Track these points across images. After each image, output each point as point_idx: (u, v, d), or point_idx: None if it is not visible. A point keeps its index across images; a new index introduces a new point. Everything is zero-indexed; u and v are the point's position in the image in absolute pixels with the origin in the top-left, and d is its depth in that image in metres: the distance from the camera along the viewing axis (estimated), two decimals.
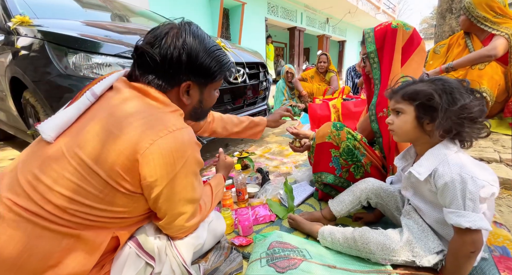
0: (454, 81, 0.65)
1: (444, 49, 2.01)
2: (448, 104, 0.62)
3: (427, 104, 0.65)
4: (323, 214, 0.98)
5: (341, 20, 11.48)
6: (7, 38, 1.48)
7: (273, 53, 8.42)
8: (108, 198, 0.54)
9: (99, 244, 0.56)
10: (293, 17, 9.08)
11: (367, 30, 1.07)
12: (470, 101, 0.62)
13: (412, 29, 1.02)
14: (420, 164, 0.68)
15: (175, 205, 0.61)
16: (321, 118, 2.29)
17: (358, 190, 0.90)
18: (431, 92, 0.64)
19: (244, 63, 1.77)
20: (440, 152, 0.66)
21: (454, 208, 0.60)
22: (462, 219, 0.59)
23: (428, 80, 0.68)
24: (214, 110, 1.65)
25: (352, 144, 1.00)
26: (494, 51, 1.62)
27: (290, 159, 1.86)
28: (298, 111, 3.44)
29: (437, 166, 0.64)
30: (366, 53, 1.07)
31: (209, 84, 0.69)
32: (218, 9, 5.97)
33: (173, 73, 0.62)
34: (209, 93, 0.72)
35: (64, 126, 0.57)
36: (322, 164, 1.07)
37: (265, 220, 1.08)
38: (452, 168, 0.61)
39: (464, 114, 0.61)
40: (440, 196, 0.64)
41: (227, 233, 1.00)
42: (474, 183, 0.58)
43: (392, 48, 1.00)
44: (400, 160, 0.82)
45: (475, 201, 0.58)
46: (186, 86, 0.65)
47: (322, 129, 1.07)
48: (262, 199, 1.26)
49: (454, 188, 0.60)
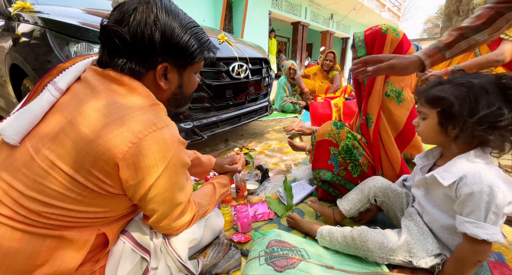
0: (483, 84, 0.59)
1: None
2: (468, 114, 0.59)
3: (448, 112, 0.63)
4: (334, 214, 0.98)
5: (346, 17, 11.33)
6: (7, 23, 1.45)
7: (275, 47, 8.33)
8: (87, 200, 0.52)
9: (84, 242, 0.54)
10: (297, 12, 8.95)
11: (357, 34, 1.06)
12: (498, 108, 0.57)
13: (402, 35, 1.01)
14: (446, 169, 0.65)
15: (160, 206, 0.58)
16: (322, 117, 2.29)
17: (366, 188, 0.90)
18: (452, 100, 0.61)
19: (247, 58, 1.75)
20: (470, 160, 0.63)
21: (473, 219, 0.59)
22: (480, 230, 0.58)
23: (455, 83, 0.63)
24: (217, 105, 1.65)
25: (351, 143, 1.02)
26: (502, 56, 1.61)
27: (290, 156, 1.86)
28: (299, 108, 3.44)
29: (466, 174, 0.61)
30: (357, 58, 1.04)
31: (189, 66, 0.63)
32: (222, 1, 5.86)
33: (146, 54, 0.55)
34: (189, 77, 0.65)
35: (28, 128, 0.51)
36: (321, 161, 1.08)
37: (264, 218, 1.09)
38: (483, 179, 0.58)
39: (487, 123, 0.58)
40: (459, 204, 0.63)
41: (226, 230, 1.01)
42: (504, 198, 0.57)
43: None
44: (422, 159, 0.80)
45: (498, 215, 0.57)
46: (163, 68, 0.58)
47: (323, 127, 1.09)
48: (261, 196, 1.27)
49: (480, 199, 0.58)
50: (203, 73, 1.48)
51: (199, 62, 0.64)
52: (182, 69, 0.62)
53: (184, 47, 0.58)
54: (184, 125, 1.45)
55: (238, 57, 1.67)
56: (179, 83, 0.64)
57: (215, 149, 2.05)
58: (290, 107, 3.41)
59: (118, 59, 0.55)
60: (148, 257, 0.63)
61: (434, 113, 0.66)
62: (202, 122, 1.54)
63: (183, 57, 0.60)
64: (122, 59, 0.55)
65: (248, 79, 1.78)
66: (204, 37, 0.63)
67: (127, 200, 0.58)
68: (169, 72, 0.60)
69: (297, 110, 3.43)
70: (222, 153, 1.95)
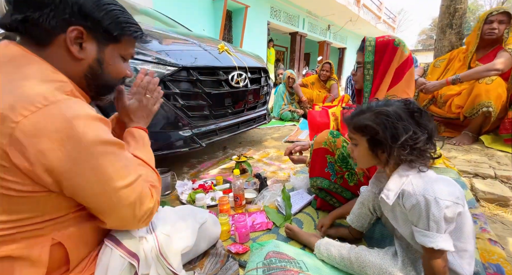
0: (396, 111, 0.66)
1: (444, 63, 2.05)
2: (391, 140, 0.64)
3: (375, 138, 0.68)
4: (350, 231, 0.96)
5: (342, 28, 11.60)
6: None
7: (274, 57, 8.45)
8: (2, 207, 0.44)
9: (38, 256, 0.48)
10: (295, 22, 9.16)
11: (369, 38, 1.04)
12: (413, 132, 0.63)
13: (409, 53, 1.02)
14: (388, 187, 0.69)
15: (104, 199, 0.50)
16: (320, 125, 2.30)
17: (366, 201, 0.90)
18: (376, 128, 0.67)
19: (246, 67, 1.78)
20: (403, 174, 0.67)
21: (421, 228, 0.62)
22: (426, 239, 0.61)
23: (374, 111, 0.70)
24: (216, 113, 1.65)
25: (346, 152, 1.02)
26: (501, 65, 1.65)
27: (288, 165, 1.86)
28: (297, 116, 3.46)
29: (403, 187, 0.65)
30: (362, 62, 1.04)
31: (111, 42, 0.58)
32: (222, 11, 5.98)
33: (57, 9, 0.50)
34: (112, 55, 0.59)
35: None
36: (318, 169, 1.08)
37: (262, 228, 1.07)
38: (416, 189, 0.63)
39: (408, 146, 0.64)
40: (409, 216, 0.66)
41: (224, 240, 0.99)
42: (437, 205, 0.60)
43: (387, 66, 1.00)
44: (374, 184, 0.83)
45: (438, 222, 0.60)
46: (76, 32, 0.52)
47: (320, 135, 1.10)
48: (260, 205, 1.26)
49: (420, 209, 0.62)
50: (202, 81, 1.49)
51: (125, 42, 0.61)
52: (103, 43, 0.57)
53: (106, 14, 0.55)
54: (182, 133, 1.45)
55: (237, 67, 1.69)
56: (97, 57, 0.57)
57: (213, 157, 2.04)
58: (288, 115, 3.44)
59: (19, 15, 0.49)
60: (137, 263, 0.59)
61: (364, 140, 0.71)
62: (200, 130, 1.54)
63: (103, 25, 0.55)
64: (25, 14, 0.49)
65: (247, 87, 1.80)
66: (126, 18, 0.59)
67: (59, 197, 0.49)
68: (85, 40, 0.54)
69: (295, 118, 3.46)
70: (221, 161, 1.95)
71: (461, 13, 2.24)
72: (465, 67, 1.88)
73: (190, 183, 1.46)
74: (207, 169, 1.81)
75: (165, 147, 1.40)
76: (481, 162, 1.55)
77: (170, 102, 1.36)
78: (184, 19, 4.95)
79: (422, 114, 0.66)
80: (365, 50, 1.03)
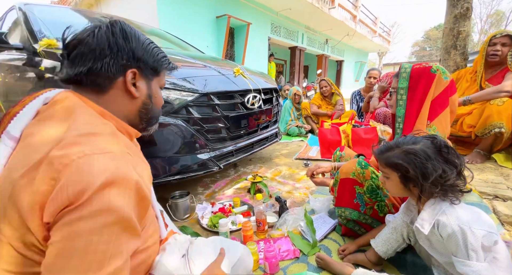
0: (424, 149, 0.69)
1: None
2: (422, 178, 0.68)
3: (406, 175, 0.71)
4: (368, 257, 0.95)
5: (340, 41, 11.93)
6: (30, 58, 1.49)
7: (274, 70, 8.63)
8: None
9: None
10: (294, 37, 9.42)
11: (404, 65, 1.04)
12: (442, 171, 0.66)
13: (450, 79, 0.98)
14: (422, 217, 0.71)
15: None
16: (331, 143, 2.33)
17: (399, 227, 0.89)
18: (406, 167, 0.70)
19: (260, 89, 1.81)
20: (437, 204, 0.70)
21: (461, 257, 0.63)
22: (467, 268, 0.62)
23: (402, 149, 0.73)
24: (232, 135, 1.66)
25: (375, 184, 1.00)
26: (511, 87, 1.69)
27: (302, 184, 1.85)
28: (304, 132, 3.49)
29: (438, 217, 0.68)
30: (396, 88, 1.05)
31: (155, 76, 0.64)
32: (225, 28, 6.16)
33: (113, 57, 0.55)
34: (156, 88, 0.65)
35: None
36: (346, 199, 1.07)
37: (290, 256, 1.06)
38: (451, 220, 0.65)
39: (439, 185, 0.67)
40: (447, 245, 0.68)
41: (254, 270, 0.98)
42: (473, 234, 0.61)
43: (424, 93, 0.98)
44: (405, 213, 0.85)
45: (477, 251, 0.61)
46: (132, 74, 0.58)
47: (347, 165, 1.07)
48: (283, 230, 1.24)
49: (456, 239, 0.63)
50: (221, 105, 1.52)
51: (162, 74, 0.67)
52: (150, 79, 0.63)
53: (150, 54, 0.61)
54: (202, 156, 1.46)
55: (252, 89, 1.73)
56: (148, 93, 0.63)
57: (225, 175, 2.04)
58: (295, 131, 3.47)
59: (83, 68, 0.53)
60: None
61: (395, 175, 0.74)
62: (219, 152, 1.55)
63: (150, 64, 0.61)
64: (88, 66, 0.53)
65: (261, 108, 1.83)
66: (162, 53, 0.65)
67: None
68: (137, 80, 0.60)
69: (302, 134, 3.48)
70: (234, 180, 1.94)
71: (465, 35, 2.34)
72: (472, 88, 1.93)
73: (210, 207, 1.44)
74: (222, 189, 1.80)
75: (185, 170, 1.40)
76: (497, 182, 1.56)
77: (192, 127, 1.37)
78: (189, 36, 5.08)
79: (449, 151, 0.69)
80: (399, 76, 1.04)
